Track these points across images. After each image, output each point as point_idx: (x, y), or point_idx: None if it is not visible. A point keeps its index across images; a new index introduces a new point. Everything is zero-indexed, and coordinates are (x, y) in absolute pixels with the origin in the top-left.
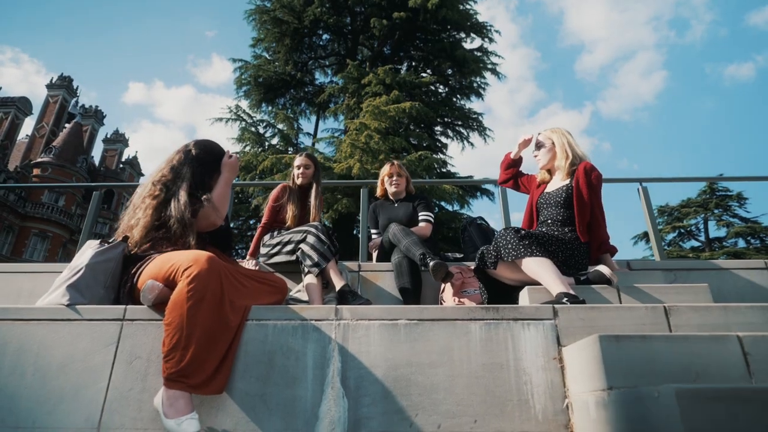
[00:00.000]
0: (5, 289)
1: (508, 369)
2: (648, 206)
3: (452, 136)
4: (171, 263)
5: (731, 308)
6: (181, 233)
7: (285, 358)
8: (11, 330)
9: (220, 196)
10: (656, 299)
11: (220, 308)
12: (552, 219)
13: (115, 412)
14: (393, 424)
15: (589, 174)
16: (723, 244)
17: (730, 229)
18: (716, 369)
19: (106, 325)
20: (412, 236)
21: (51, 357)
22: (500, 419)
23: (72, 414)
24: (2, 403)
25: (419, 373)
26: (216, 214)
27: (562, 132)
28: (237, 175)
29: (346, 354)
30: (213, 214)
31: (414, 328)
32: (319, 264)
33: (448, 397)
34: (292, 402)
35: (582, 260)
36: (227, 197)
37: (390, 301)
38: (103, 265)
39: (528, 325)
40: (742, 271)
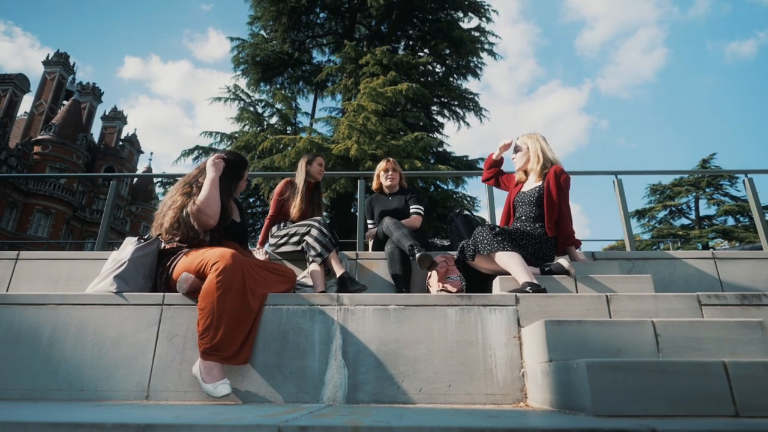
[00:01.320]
0: (47, 274)
1: (477, 345)
2: (622, 197)
3: (448, 115)
4: (201, 258)
5: (660, 297)
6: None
7: (296, 336)
8: (72, 312)
9: (204, 199)
10: (607, 288)
11: (243, 296)
12: (526, 216)
13: (160, 378)
14: (384, 388)
15: (559, 177)
16: (713, 222)
17: (720, 207)
18: (633, 347)
19: (149, 309)
20: (402, 229)
21: (105, 334)
22: (469, 384)
23: (125, 380)
24: (69, 371)
25: (405, 348)
26: (203, 215)
27: (537, 138)
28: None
29: (346, 333)
30: (200, 216)
31: (401, 312)
32: (322, 254)
33: (428, 367)
34: (303, 371)
35: (549, 252)
36: (213, 197)
37: (384, 285)
38: (142, 259)
39: (495, 310)
40: (692, 260)
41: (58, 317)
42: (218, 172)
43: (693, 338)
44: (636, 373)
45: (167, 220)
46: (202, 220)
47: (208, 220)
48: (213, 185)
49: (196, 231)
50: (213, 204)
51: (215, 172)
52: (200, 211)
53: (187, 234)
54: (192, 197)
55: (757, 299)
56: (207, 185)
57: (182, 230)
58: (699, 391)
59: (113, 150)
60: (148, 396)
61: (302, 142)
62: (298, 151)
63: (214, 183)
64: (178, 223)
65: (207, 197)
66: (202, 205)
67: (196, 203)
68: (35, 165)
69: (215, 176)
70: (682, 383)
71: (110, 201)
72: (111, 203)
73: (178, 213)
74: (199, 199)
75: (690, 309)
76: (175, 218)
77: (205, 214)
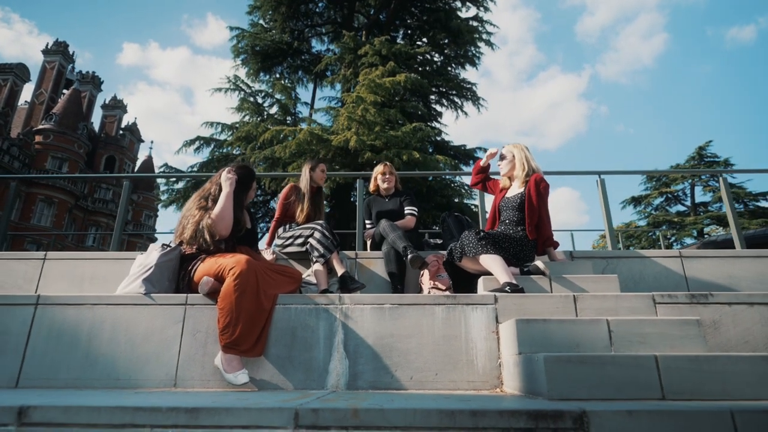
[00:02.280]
0: (72, 273)
1: (460, 339)
2: (604, 196)
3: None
4: (219, 264)
5: (621, 296)
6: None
7: (304, 331)
8: (106, 312)
9: (218, 215)
10: (578, 287)
11: (257, 297)
12: (509, 219)
13: (185, 369)
14: (380, 376)
15: (539, 184)
16: (708, 208)
17: (716, 194)
18: (590, 342)
19: (174, 308)
20: (397, 231)
21: (136, 331)
22: (453, 373)
23: (155, 371)
24: (106, 363)
25: (398, 342)
26: (218, 229)
27: (522, 148)
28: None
29: (347, 328)
30: (215, 229)
31: (395, 310)
32: (325, 255)
33: (419, 358)
34: (310, 362)
35: (529, 253)
36: (226, 214)
37: (381, 282)
38: (166, 263)
39: (476, 308)
40: (661, 258)
41: (95, 316)
42: (232, 188)
43: (640, 334)
44: (583, 365)
45: (187, 232)
46: (217, 233)
47: (222, 232)
48: (227, 202)
49: (212, 241)
50: (226, 219)
51: (229, 188)
52: (215, 226)
53: (205, 243)
54: (208, 211)
55: (704, 298)
56: (221, 202)
57: (200, 240)
58: (634, 379)
59: (114, 139)
60: (176, 384)
61: (303, 133)
62: (298, 142)
63: (228, 199)
64: (197, 234)
65: (221, 214)
66: (217, 219)
67: (212, 218)
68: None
69: (229, 192)
70: (620, 373)
71: (124, 201)
72: (124, 204)
73: (195, 226)
74: (214, 214)
75: (646, 307)
76: (193, 231)
77: (219, 227)
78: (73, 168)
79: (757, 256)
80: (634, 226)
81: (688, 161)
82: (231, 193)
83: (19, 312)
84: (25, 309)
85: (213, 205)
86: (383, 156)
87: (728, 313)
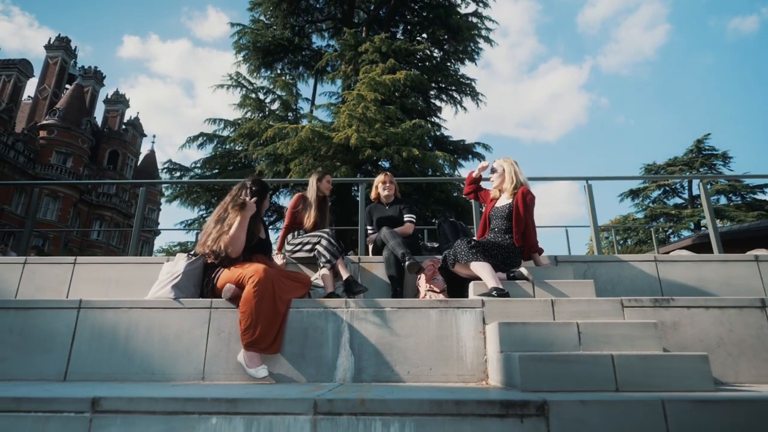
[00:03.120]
0: (98, 276)
1: (452, 338)
2: (591, 202)
3: (446, 100)
4: (239, 273)
5: (593, 300)
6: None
7: (315, 332)
8: (141, 314)
9: (233, 236)
10: (558, 291)
11: (273, 302)
12: (498, 228)
13: (212, 365)
14: (381, 371)
15: (525, 197)
16: None
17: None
18: (562, 342)
19: (201, 311)
20: (397, 238)
21: (168, 331)
22: (445, 368)
23: (186, 366)
24: (142, 360)
25: (397, 341)
26: (230, 249)
27: (511, 162)
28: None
29: (353, 329)
30: (230, 248)
31: (395, 313)
32: (331, 261)
33: (415, 355)
34: (320, 358)
35: (516, 259)
36: (239, 238)
37: (382, 285)
38: (192, 271)
39: (466, 311)
40: (637, 263)
41: (131, 318)
42: (246, 219)
43: (605, 335)
44: (551, 362)
45: (208, 247)
46: (230, 251)
47: (233, 255)
48: (240, 229)
49: (228, 256)
50: (238, 244)
51: (248, 211)
52: (229, 248)
53: (223, 257)
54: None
55: (666, 302)
56: (235, 228)
57: (219, 255)
58: (593, 374)
59: (117, 133)
60: (203, 378)
61: (305, 131)
62: (300, 139)
63: (241, 227)
64: (216, 250)
65: (235, 238)
66: (230, 243)
67: (227, 241)
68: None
69: (246, 217)
70: (582, 369)
71: (140, 208)
72: (141, 210)
73: (214, 243)
74: (229, 236)
75: (615, 310)
76: (212, 246)
77: (231, 250)
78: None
79: (724, 261)
80: (632, 218)
81: (687, 154)
82: (246, 219)
83: (64, 315)
84: (69, 312)
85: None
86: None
87: (687, 316)
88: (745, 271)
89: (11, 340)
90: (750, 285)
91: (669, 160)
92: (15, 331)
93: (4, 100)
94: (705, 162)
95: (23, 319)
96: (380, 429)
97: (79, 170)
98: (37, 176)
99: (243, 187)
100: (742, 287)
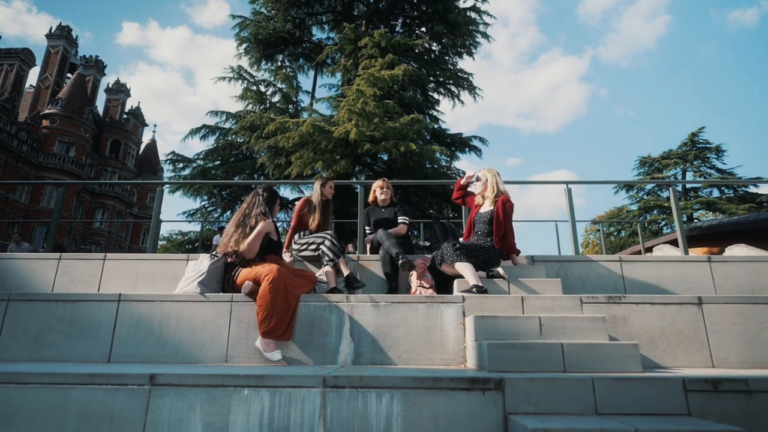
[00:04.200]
0: (126, 271)
1: (436, 328)
2: (570, 206)
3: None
4: (256, 271)
5: (557, 297)
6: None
7: (320, 322)
8: (172, 306)
9: (249, 244)
10: (530, 289)
11: (285, 297)
12: (481, 231)
13: (233, 349)
14: (377, 355)
15: (505, 204)
16: (698, 194)
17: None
18: (526, 332)
19: (223, 304)
20: (392, 239)
21: (195, 321)
22: (431, 353)
23: (211, 351)
24: (174, 345)
25: (390, 330)
26: (248, 253)
27: (494, 173)
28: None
29: (352, 320)
30: (246, 253)
31: (389, 307)
32: (333, 260)
33: (405, 342)
34: (325, 345)
35: (496, 259)
36: (256, 241)
37: (378, 281)
38: (215, 270)
39: (449, 305)
40: (604, 262)
41: (164, 309)
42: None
43: (562, 326)
44: (513, 349)
45: (230, 248)
46: (246, 255)
47: (249, 257)
48: (257, 236)
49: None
50: (253, 251)
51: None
52: (245, 254)
53: (240, 258)
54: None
55: (618, 299)
56: (252, 238)
57: (237, 256)
58: (546, 358)
59: (118, 123)
60: (226, 360)
61: (305, 126)
62: (301, 134)
63: (258, 235)
64: (235, 252)
65: (251, 246)
66: (247, 248)
67: (244, 247)
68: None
69: (262, 229)
70: (538, 354)
71: (157, 207)
72: (158, 209)
73: (234, 246)
74: (246, 243)
75: (575, 306)
76: (232, 249)
77: (247, 255)
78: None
79: (680, 261)
80: (626, 210)
81: (681, 147)
82: (261, 234)
83: (106, 307)
84: (111, 304)
85: (250, 221)
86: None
87: (635, 311)
88: (699, 271)
89: (60, 327)
90: (702, 283)
91: (664, 153)
92: (65, 320)
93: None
94: (699, 155)
95: (71, 310)
96: (374, 399)
97: (81, 159)
98: (41, 165)
99: (256, 195)
100: (696, 285)
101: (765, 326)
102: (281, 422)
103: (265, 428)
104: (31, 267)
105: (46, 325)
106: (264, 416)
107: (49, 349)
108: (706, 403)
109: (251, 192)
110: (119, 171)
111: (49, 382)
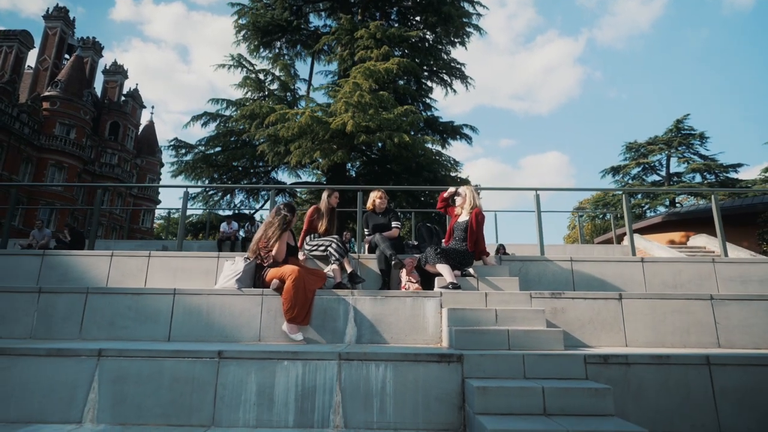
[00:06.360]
0: (167, 266)
1: (420, 317)
2: (538, 211)
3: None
4: (281, 271)
5: (514, 293)
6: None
7: (331, 311)
8: (216, 299)
9: (279, 249)
10: (494, 285)
11: (304, 291)
12: (458, 237)
13: (264, 332)
14: (374, 337)
15: (477, 216)
16: (681, 179)
17: (689, 165)
18: (486, 321)
19: (256, 297)
20: (386, 242)
21: (234, 309)
22: (416, 336)
23: (247, 332)
24: (219, 329)
25: (385, 318)
26: (278, 256)
27: (471, 189)
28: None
29: (356, 310)
30: (277, 257)
31: (383, 299)
32: (339, 260)
33: (396, 327)
34: (335, 328)
35: (469, 260)
36: (282, 246)
37: (375, 276)
38: (249, 270)
39: (430, 299)
40: (559, 261)
41: (209, 301)
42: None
43: (513, 317)
44: (473, 333)
45: (263, 251)
46: (276, 258)
47: (279, 259)
48: (282, 242)
49: (275, 259)
50: (281, 254)
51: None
52: (276, 257)
53: (270, 260)
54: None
55: (559, 294)
56: (279, 245)
57: (266, 259)
58: (496, 340)
59: (117, 105)
60: (260, 340)
61: (305, 117)
62: (300, 125)
63: (282, 241)
64: (265, 255)
65: (279, 251)
66: (276, 254)
67: (273, 254)
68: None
69: (285, 237)
70: (491, 337)
71: (183, 211)
72: (184, 213)
73: (264, 252)
74: (276, 251)
75: (526, 300)
76: (261, 253)
77: (277, 258)
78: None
79: (619, 261)
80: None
81: (666, 133)
82: (284, 241)
83: (164, 299)
84: (168, 297)
85: (274, 233)
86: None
87: (571, 304)
88: (634, 269)
89: (129, 314)
90: (635, 279)
91: (649, 139)
92: (132, 308)
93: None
94: (683, 141)
95: (136, 300)
96: (374, 368)
97: (82, 141)
98: (42, 147)
99: (279, 212)
100: (630, 280)
101: (667, 316)
102: (310, 383)
103: (300, 387)
104: (88, 262)
105: (117, 312)
106: (298, 379)
107: (121, 330)
108: (598, 371)
109: (274, 207)
110: (119, 152)
111: (147, 355)
